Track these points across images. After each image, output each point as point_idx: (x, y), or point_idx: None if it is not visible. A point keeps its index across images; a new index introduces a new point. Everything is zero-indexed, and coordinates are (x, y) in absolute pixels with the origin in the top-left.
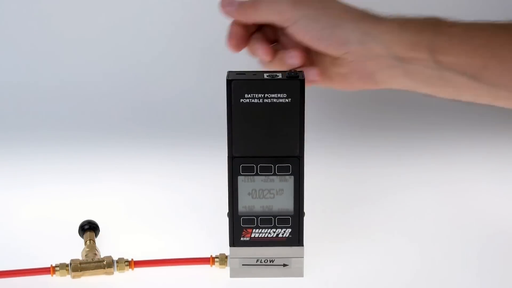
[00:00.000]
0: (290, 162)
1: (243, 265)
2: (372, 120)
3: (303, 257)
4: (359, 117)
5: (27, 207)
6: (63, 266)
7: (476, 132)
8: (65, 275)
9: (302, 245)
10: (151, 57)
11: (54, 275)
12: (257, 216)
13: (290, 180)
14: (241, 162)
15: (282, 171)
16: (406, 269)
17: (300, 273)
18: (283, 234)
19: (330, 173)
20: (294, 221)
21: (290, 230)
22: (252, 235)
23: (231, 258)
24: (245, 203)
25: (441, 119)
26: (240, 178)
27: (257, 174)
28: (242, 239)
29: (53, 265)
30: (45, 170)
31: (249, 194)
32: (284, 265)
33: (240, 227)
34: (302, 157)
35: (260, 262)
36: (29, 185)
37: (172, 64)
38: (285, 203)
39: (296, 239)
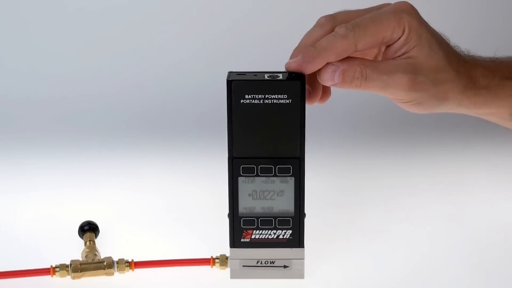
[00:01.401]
0: (291, 163)
1: (243, 266)
2: (373, 122)
3: (303, 259)
4: (361, 118)
5: (28, 208)
6: (63, 267)
7: (479, 138)
8: (65, 276)
9: (303, 247)
10: (149, 59)
11: (54, 276)
12: (257, 217)
13: (290, 181)
14: (241, 163)
15: (283, 172)
16: (407, 271)
17: (300, 275)
18: (283, 236)
19: (331, 174)
20: (294, 223)
21: (290, 231)
22: (253, 236)
23: (231, 259)
24: (246, 204)
25: (444, 123)
26: (240, 179)
27: (257, 175)
28: (242, 240)
29: (53, 265)
30: (45, 171)
31: (249, 195)
32: (285, 266)
33: (241, 228)
34: (302, 158)
35: (261, 263)
36: (29, 187)
37: (170, 65)
38: (286, 205)
39: (297, 241)
